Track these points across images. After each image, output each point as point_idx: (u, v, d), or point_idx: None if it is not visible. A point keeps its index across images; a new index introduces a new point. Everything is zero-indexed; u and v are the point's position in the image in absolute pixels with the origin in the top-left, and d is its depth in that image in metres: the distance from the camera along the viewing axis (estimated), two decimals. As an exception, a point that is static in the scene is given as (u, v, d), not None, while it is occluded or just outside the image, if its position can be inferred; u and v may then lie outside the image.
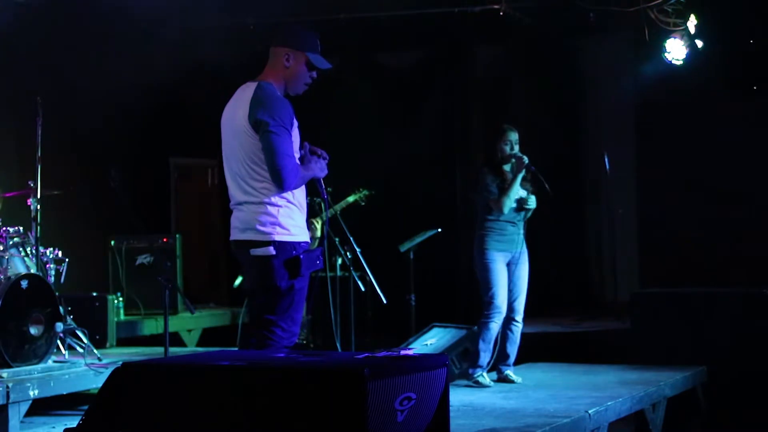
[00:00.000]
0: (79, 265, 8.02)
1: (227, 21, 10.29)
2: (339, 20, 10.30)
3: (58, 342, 7.08)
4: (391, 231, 9.83)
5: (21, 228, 7.17)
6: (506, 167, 7.03)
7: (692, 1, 9.26)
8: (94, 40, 9.67)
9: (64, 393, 6.68)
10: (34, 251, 7.15)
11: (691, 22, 9.32)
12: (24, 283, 6.68)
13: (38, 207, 7.23)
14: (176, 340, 9.42)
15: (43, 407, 6.96)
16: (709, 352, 7.78)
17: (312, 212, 7.61)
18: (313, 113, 7.64)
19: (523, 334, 7.19)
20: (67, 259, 7.45)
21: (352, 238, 8.19)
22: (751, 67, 10.31)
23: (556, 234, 11.52)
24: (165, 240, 9.68)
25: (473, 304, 7.11)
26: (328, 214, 6.30)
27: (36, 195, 7.22)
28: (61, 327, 6.92)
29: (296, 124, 4.83)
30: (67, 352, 7.21)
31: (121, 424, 4.09)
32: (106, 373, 6.04)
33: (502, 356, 7.05)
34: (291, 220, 4.78)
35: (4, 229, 7.03)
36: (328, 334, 8.84)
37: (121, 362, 4.36)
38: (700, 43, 9.45)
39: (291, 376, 3.86)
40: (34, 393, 6.26)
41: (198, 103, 10.31)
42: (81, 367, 6.91)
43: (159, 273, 8.15)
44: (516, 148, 7.03)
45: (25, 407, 6.22)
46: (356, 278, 8.46)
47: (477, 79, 11.97)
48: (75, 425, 4.20)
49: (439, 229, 9.15)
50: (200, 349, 9.01)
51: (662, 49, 9.59)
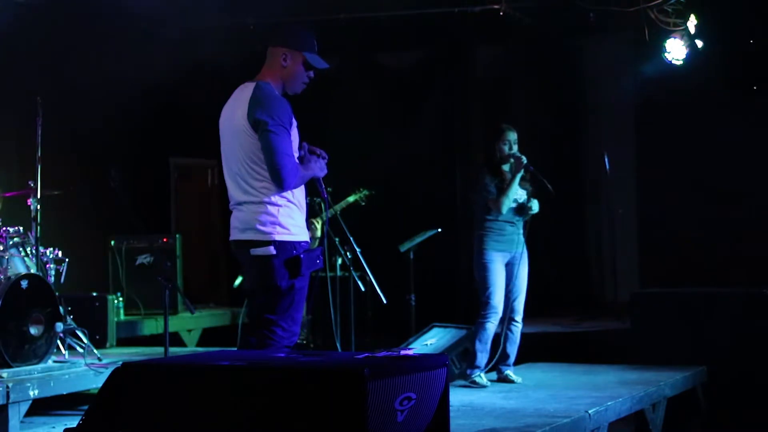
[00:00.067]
0: (79, 265, 8.02)
1: (227, 21, 10.29)
2: (339, 20, 10.30)
3: (58, 342, 7.08)
4: (391, 231, 9.83)
5: (21, 228, 7.16)
6: (505, 167, 7.03)
7: (692, 1, 9.26)
8: (94, 40, 9.67)
9: (64, 393, 6.68)
10: (34, 251, 7.15)
11: (691, 22, 9.32)
12: (24, 283, 6.68)
13: (38, 207, 7.23)
14: (176, 340, 9.42)
15: (43, 407, 6.96)
16: (709, 352, 7.78)
17: (312, 212, 7.61)
18: (313, 113, 7.65)
19: (523, 334, 7.18)
20: (67, 259, 7.45)
21: (352, 238, 8.19)
22: (751, 67, 10.32)
23: (556, 234, 11.51)
24: (165, 240, 9.69)
25: (473, 304, 7.11)
26: (328, 213, 6.29)
27: (36, 195, 7.22)
28: (61, 327, 6.92)
29: (295, 123, 4.83)
30: (67, 352, 7.21)
31: (121, 424, 4.09)
32: (106, 373, 6.04)
33: (502, 356, 7.04)
34: (291, 219, 4.78)
35: (4, 229, 7.03)
36: (328, 334, 8.84)
37: (121, 362, 4.35)
38: (700, 43, 9.45)
39: (291, 376, 3.86)
40: (34, 393, 6.26)
41: (198, 103, 10.30)
42: (81, 367, 6.91)
43: (159, 273, 8.15)
44: (515, 148, 7.02)
45: (25, 407, 6.22)
46: (356, 278, 8.46)
47: (477, 79, 11.96)
48: (75, 425, 4.20)
49: (439, 229, 9.15)
50: (200, 349, 9.00)
51: (662, 49, 9.59)
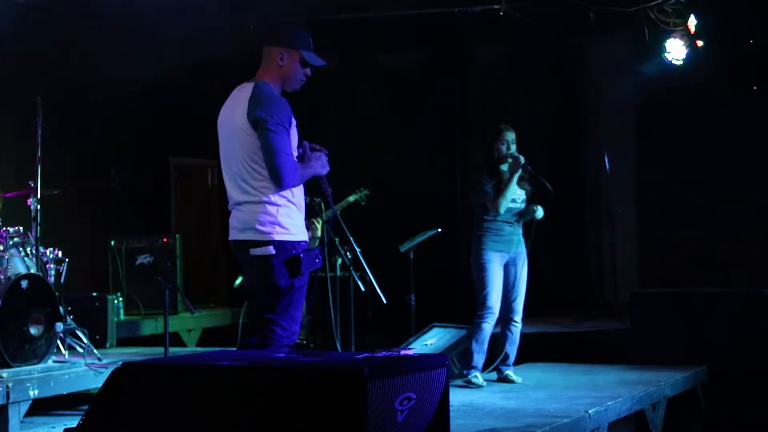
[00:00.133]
0: (79, 265, 8.02)
1: (227, 21, 10.28)
2: (339, 20, 10.30)
3: (58, 342, 7.08)
4: (391, 231, 9.82)
5: (21, 228, 7.16)
6: (503, 167, 7.02)
7: (692, 1, 9.26)
8: (94, 40, 9.67)
9: (64, 393, 6.67)
10: (34, 251, 7.15)
11: (691, 22, 9.32)
12: (24, 283, 6.68)
13: (38, 207, 7.22)
14: (176, 340, 9.41)
15: (43, 407, 6.95)
16: (709, 352, 7.78)
17: (312, 212, 7.60)
18: (314, 113, 7.68)
19: (523, 334, 7.18)
20: (67, 259, 7.45)
21: (352, 238, 8.18)
22: (751, 67, 10.32)
23: (556, 234, 11.50)
24: (165, 240, 9.69)
25: (473, 304, 7.10)
26: (333, 210, 6.28)
27: (36, 195, 7.21)
28: (61, 327, 6.92)
29: (294, 123, 4.84)
30: (67, 352, 7.20)
31: (121, 424, 4.09)
32: (106, 373, 6.03)
33: (502, 356, 7.04)
34: (290, 219, 4.79)
35: (4, 229, 7.03)
36: (328, 334, 8.83)
37: (121, 362, 4.36)
38: (700, 43, 9.45)
39: (291, 376, 3.86)
40: (34, 393, 6.26)
41: (198, 103, 10.28)
42: (81, 367, 6.90)
43: (159, 273, 8.16)
44: (513, 147, 7.01)
45: (25, 407, 6.22)
46: (356, 278, 8.45)
47: (477, 79, 11.96)
48: (75, 425, 4.20)
49: (439, 229, 9.14)
50: (200, 349, 9.00)
51: (662, 49, 9.59)
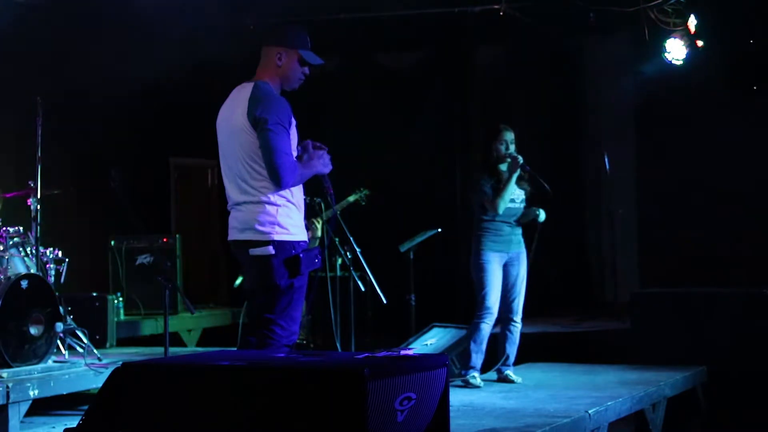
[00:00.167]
0: (79, 265, 8.01)
1: (227, 21, 10.28)
2: (339, 20, 10.30)
3: (58, 342, 7.08)
4: (391, 231, 9.82)
5: (21, 228, 7.16)
6: (502, 167, 7.01)
7: (692, 1, 9.26)
8: (94, 40, 9.66)
9: (64, 393, 6.67)
10: (34, 251, 7.15)
11: (691, 22, 9.32)
12: (24, 283, 6.68)
13: (38, 207, 7.22)
14: (176, 340, 9.41)
15: (43, 407, 6.95)
16: (709, 352, 7.78)
17: (312, 212, 7.60)
18: (313, 113, 7.68)
19: (523, 334, 7.18)
20: (67, 259, 7.45)
21: (352, 238, 8.18)
22: (751, 67, 10.32)
23: (556, 234, 11.49)
24: (165, 240, 9.68)
25: (473, 304, 7.10)
26: (335, 209, 6.27)
27: (36, 195, 7.21)
28: (61, 327, 6.92)
29: (294, 123, 4.84)
30: (67, 352, 7.20)
31: (121, 424, 4.09)
32: (106, 373, 6.03)
33: (501, 356, 7.04)
34: (289, 219, 4.79)
35: (4, 229, 7.03)
36: (328, 334, 8.83)
37: (121, 362, 4.36)
38: (700, 43, 9.45)
39: (291, 376, 3.86)
40: (34, 393, 6.26)
41: (198, 103, 10.27)
42: (81, 367, 6.90)
43: (159, 273, 8.16)
44: (512, 147, 7.00)
45: (25, 407, 6.22)
46: (356, 278, 8.45)
47: (477, 79, 11.96)
48: (75, 425, 4.20)
49: (439, 229, 9.14)
50: (200, 349, 9.00)
51: (662, 49, 9.59)
